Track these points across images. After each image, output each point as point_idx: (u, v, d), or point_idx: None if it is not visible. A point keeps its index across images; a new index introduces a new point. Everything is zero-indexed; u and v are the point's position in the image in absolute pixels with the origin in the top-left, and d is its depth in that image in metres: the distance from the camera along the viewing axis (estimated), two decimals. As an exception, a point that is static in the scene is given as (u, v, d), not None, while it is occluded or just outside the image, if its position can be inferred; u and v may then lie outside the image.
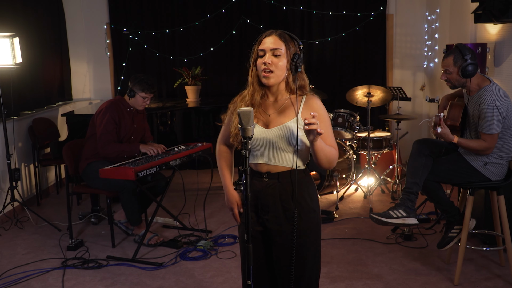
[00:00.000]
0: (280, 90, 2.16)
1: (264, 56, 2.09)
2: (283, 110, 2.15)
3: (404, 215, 3.30)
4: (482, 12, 3.92)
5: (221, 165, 2.34)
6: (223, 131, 2.33)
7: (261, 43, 2.11)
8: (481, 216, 3.78)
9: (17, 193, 4.71)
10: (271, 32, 2.12)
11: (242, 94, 2.22)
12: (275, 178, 2.14)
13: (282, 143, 2.10)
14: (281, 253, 2.18)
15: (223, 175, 2.32)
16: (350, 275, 3.51)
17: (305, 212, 2.16)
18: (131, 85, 4.15)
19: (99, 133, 4.05)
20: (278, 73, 2.10)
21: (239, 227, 2.29)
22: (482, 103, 3.13)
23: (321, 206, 4.91)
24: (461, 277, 3.38)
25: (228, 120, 2.27)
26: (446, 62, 3.27)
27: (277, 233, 2.16)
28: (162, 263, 3.76)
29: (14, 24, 4.93)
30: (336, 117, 5.24)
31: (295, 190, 2.13)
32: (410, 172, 3.36)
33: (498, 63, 4.19)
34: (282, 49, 2.09)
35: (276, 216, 2.16)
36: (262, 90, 2.17)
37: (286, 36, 2.12)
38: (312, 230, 2.19)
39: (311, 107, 2.14)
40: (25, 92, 5.24)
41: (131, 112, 4.23)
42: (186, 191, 4.63)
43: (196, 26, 6.38)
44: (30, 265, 3.79)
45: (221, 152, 2.35)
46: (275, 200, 2.15)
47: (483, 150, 3.21)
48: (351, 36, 6.29)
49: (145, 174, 3.68)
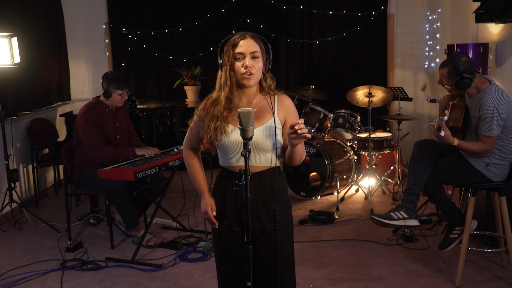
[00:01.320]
0: (253, 92, 2.21)
1: (244, 59, 2.12)
2: (259, 111, 2.18)
3: (405, 217, 3.30)
4: (484, 12, 3.91)
5: (193, 169, 2.36)
6: (191, 136, 2.34)
7: (238, 46, 2.13)
8: (482, 217, 3.76)
9: (16, 194, 4.69)
10: (245, 35, 2.15)
11: (210, 98, 2.23)
12: (255, 178, 2.17)
13: (264, 144, 2.14)
14: (265, 251, 2.20)
15: (198, 180, 2.34)
16: (350, 277, 3.50)
17: (284, 209, 2.23)
18: (105, 86, 4.10)
19: (86, 139, 4.00)
20: (257, 75, 2.15)
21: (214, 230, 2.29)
22: (483, 105, 3.13)
23: (322, 207, 4.96)
24: (463, 278, 3.37)
25: (195, 126, 2.27)
26: (441, 73, 3.28)
27: (260, 231, 2.20)
28: (161, 265, 3.75)
29: (12, 24, 4.91)
30: (336, 117, 5.23)
31: (275, 188, 2.19)
32: (411, 173, 3.35)
33: (500, 63, 4.18)
34: (259, 51, 2.14)
35: (258, 215, 2.19)
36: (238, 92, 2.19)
37: (259, 39, 2.18)
38: (289, 225, 2.29)
39: (285, 105, 2.21)
40: (24, 93, 5.21)
41: (111, 112, 4.20)
42: (186, 192, 4.62)
43: (195, 26, 6.36)
44: (29, 267, 3.78)
45: (190, 157, 2.38)
46: (257, 199, 2.19)
47: (482, 153, 3.21)
48: (352, 36, 6.27)
49: (144, 175, 3.67)
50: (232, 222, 2.22)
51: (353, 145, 5.41)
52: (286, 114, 2.21)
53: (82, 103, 6.41)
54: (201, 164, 2.40)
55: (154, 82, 6.59)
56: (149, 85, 6.59)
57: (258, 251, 2.21)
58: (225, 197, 2.23)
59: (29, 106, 5.34)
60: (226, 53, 2.15)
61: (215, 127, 2.15)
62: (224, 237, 2.25)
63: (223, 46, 2.17)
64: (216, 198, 2.28)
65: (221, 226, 2.25)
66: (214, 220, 2.26)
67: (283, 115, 2.20)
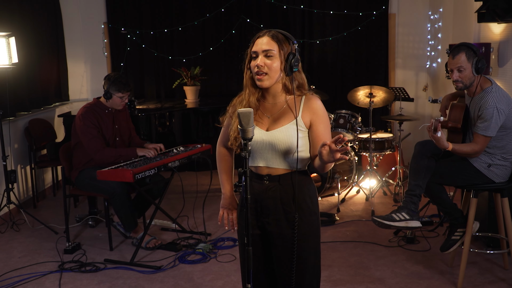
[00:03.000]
0: (277, 91, 2.13)
1: (257, 58, 2.07)
2: (283, 112, 2.12)
3: (407, 218, 3.29)
4: (486, 12, 3.91)
5: (220, 168, 2.36)
6: (223, 133, 2.32)
7: (254, 45, 2.09)
8: (484, 219, 3.75)
9: (13, 195, 4.68)
10: (264, 33, 2.09)
11: (240, 96, 2.20)
12: (276, 181, 2.12)
13: (282, 146, 2.08)
14: (282, 257, 2.16)
15: (221, 179, 2.35)
16: (351, 279, 3.49)
17: (306, 215, 2.14)
18: (106, 87, 4.08)
19: (86, 140, 3.98)
20: (272, 74, 2.06)
21: (238, 230, 2.28)
22: (484, 105, 3.11)
23: (322, 209, 4.94)
24: (465, 280, 3.36)
25: (227, 123, 2.25)
26: (458, 59, 3.18)
27: (278, 236, 2.15)
28: (160, 267, 3.73)
29: (10, 24, 4.89)
30: (337, 118, 5.22)
31: (296, 193, 2.10)
32: (412, 174, 3.34)
33: (502, 63, 4.17)
34: (275, 50, 2.05)
35: (277, 219, 2.14)
36: (257, 92, 2.14)
37: (280, 36, 2.07)
38: (313, 233, 2.17)
39: (311, 107, 2.11)
40: (21, 93, 5.20)
41: (110, 113, 4.17)
42: (185, 193, 4.63)
43: (195, 25, 6.34)
44: (26, 269, 3.77)
45: (220, 155, 2.35)
46: (276, 203, 2.13)
47: (473, 154, 3.18)
48: (353, 35, 6.25)
49: (144, 176, 3.65)
50: (252, 224, 2.17)
51: (354, 146, 5.39)
52: (313, 116, 2.10)
53: (80, 104, 6.40)
54: (231, 162, 2.36)
55: (153, 82, 6.57)
56: (148, 85, 6.57)
57: (275, 256, 2.17)
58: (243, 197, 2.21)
59: (27, 107, 5.32)
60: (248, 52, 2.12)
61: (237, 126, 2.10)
62: (241, 237, 2.23)
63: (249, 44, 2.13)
64: (239, 199, 2.26)
65: (241, 228, 2.23)
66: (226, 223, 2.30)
67: (308, 117, 2.10)
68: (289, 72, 2.06)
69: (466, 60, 3.16)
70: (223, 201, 2.34)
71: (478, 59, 3.15)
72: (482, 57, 3.17)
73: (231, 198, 2.34)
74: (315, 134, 2.10)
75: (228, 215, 2.32)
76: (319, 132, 2.10)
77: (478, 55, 3.16)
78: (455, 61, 3.20)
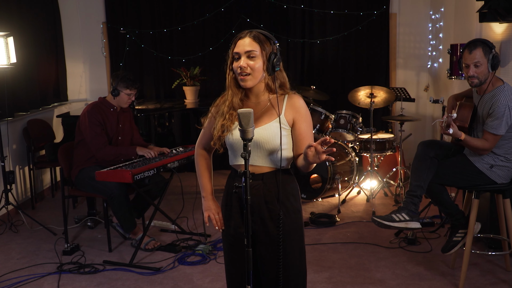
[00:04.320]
0: (259, 91, 2.17)
1: (239, 60, 2.10)
2: (266, 110, 2.16)
3: (407, 219, 3.28)
4: (488, 11, 3.90)
5: (201, 170, 2.36)
6: (202, 135, 2.35)
7: (236, 46, 2.12)
8: (486, 220, 3.74)
9: (12, 196, 4.66)
10: (246, 34, 2.12)
11: (223, 96, 2.23)
12: (259, 179, 2.14)
13: (266, 144, 2.11)
14: (267, 255, 2.18)
15: (201, 181, 2.35)
16: (352, 280, 3.48)
17: (290, 213, 2.17)
18: (114, 84, 4.11)
19: (89, 138, 4.02)
20: (255, 75, 2.10)
21: (224, 231, 2.29)
22: (495, 103, 3.09)
23: (323, 210, 4.93)
24: (466, 282, 3.34)
25: (208, 123, 2.28)
26: (475, 55, 3.15)
27: (263, 235, 2.17)
28: (160, 268, 3.73)
29: (9, 23, 4.88)
30: (338, 118, 5.21)
31: (280, 191, 2.14)
32: (414, 174, 3.33)
33: (504, 63, 4.15)
34: (257, 50, 2.08)
35: (261, 217, 2.16)
36: (241, 93, 2.18)
37: (261, 37, 2.11)
38: (297, 230, 2.21)
39: (294, 106, 2.15)
40: (20, 93, 5.18)
41: (115, 112, 4.19)
42: (185, 194, 4.63)
43: (194, 25, 6.32)
44: (25, 270, 3.76)
45: (200, 157, 2.37)
46: (260, 201, 2.15)
47: (483, 150, 3.17)
48: (353, 35, 6.24)
49: (143, 176, 3.64)
50: (238, 223, 2.20)
51: (354, 147, 5.39)
52: (296, 115, 2.14)
53: (79, 104, 6.43)
54: (210, 164, 2.38)
55: (152, 83, 6.56)
56: (148, 85, 6.55)
57: (260, 253, 2.19)
58: (230, 197, 2.22)
59: (25, 107, 5.31)
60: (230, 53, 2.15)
61: (221, 125, 2.15)
62: (229, 238, 2.24)
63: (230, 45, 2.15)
64: (223, 198, 2.28)
65: (227, 227, 2.24)
66: (214, 224, 2.28)
67: (291, 116, 2.14)
68: (271, 72, 2.10)
69: (483, 55, 3.14)
70: (206, 203, 2.33)
71: (493, 55, 3.13)
72: (497, 53, 3.16)
73: (214, 200, 2.35)
74: (298, 133, 2.15)
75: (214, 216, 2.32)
76: (302, 130, 2.14)
77: (493, 51, 3.14)
78: (472, 55, 3.15)
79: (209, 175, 2.36)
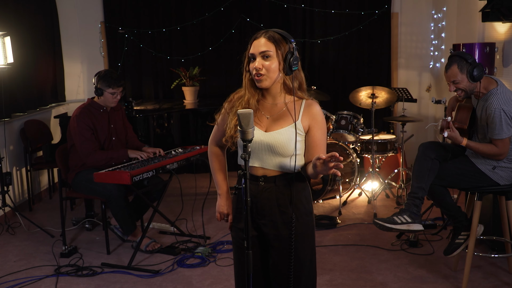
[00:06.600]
0: (276, 91, 2.16)
1: (254, 61, 2.08)
2: (282, 114, 2.15)
3: (409, 221, 3.27)
4: (491, 11, 3.89)
5: (215, 168, 2.36)
6: (216, 131, 2.32)
7: (252, 47, 2.12)
8: (489, 222, 3.73)
9: (9, 198, 4.66)
10: (261, 34, 2.10)
11: (238, 92, 2.21)
12: (271, 182, 2.14)
13: (280, 148, 2.10)
14: (278, 257, 2.17)
15: (216, 179, 2.35)
16: (353, 283, 3.46)
17: (302, 215, 2.17)
18: (95, 83, 4.05)
19: (79, 143, 3.97)
20: (270, 75, 2.08)
21: (232, 232, 2.29)
22: (489, 107, 3.10)
23: (324, 212, 4.92)
24: (469, 285, 3.33)
25: (222, 120, 2.25)
26: (451, 73, 3.18)
27: (275, 238, 2.17)
28: (158, 271, 3.71)
29: (5, 23, 4.85)
30: (339, 119, 5.20)
31: (293, 194, 2.13)
32: (415, 176, 3.31)
33: (507, 63, 4.14)
34: (272, 51, 2.07)
35: (273, 220, 2.15)
36: (258, 94, 2.17)
37: (276, 36, 2.08)
38: (309, 233, 2.21)
39: (311, 113, 2.14)
40: (17, 93, 5.15)
41: (105, 112, 4.13)
42: (184, 196, 4.62)
43: (194, 25, 6.30)
44: (22, 273, 3.74)
45: (214, 154, 2.36)
46: (272, 204, 2.14)
47: (494, 156, 3.16)
48: (355, 35, 6.22)
49: (141, 178, 3.62)
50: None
51: (356, 148, 5.38)
52: (312, 122, 2.13)
53: (77, 104, 6.33)
54: (224, 162, 2.37)
55: (151, 83, 6.53)
56: (146, 85, 6.53)
57: (271, 258, 2.18)
58: (240, 199, 2.20)
59: (22, 107, 5.28)
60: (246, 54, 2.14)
61: (235, 125, 2.12)
62: (238, 240, 2.22)
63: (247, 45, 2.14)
64: (233, 199, 2.28)
65: (236, 229, 2.24)
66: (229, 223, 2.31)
67: (307, 122, 2.13)
68: (288, 71, 2.08)
69: (459, 72, 3.15)
70: (218, 202, 2.34)
71: (472, 67, 3.11)
72: (478, 63, 3.13)
73: (228, 200, 2.33)
74: (312, 140, 2.13)
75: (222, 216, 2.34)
76: (316, 138, 2.13)
77: (472, 63, 3.12)
78: (448, 75, 3.20)
79: (224, 173, 2.35)
